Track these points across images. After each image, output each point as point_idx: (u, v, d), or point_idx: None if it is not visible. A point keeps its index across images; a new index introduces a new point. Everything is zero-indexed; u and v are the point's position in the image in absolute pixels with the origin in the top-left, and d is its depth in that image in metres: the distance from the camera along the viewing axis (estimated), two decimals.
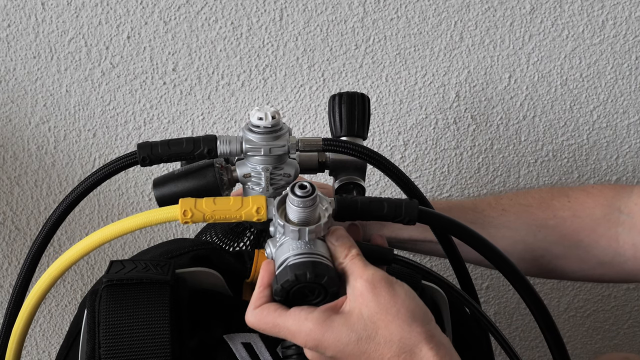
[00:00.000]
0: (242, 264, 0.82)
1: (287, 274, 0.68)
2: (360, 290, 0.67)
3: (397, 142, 1.23)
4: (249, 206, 0.73)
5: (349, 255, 0.70)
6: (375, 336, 0.66)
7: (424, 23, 1.16)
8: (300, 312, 0.68)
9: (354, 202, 0.74)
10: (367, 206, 0.74)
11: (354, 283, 0.68)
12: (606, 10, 1.16)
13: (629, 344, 1.46)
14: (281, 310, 0.68)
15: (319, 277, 0.67)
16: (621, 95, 1.23)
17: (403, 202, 0.74)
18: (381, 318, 0.66)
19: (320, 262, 0.69)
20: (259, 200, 0.73)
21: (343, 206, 0.73)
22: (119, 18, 1.12)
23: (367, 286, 0.67)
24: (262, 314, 0.69)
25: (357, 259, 0.70)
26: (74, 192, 0.81)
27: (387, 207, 0.74)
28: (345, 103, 0.91)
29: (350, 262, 0.70)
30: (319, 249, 0.70)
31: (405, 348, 0.65)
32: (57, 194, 1.23)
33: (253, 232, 0.87)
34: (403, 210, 0.74)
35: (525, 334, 1.43)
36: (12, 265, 1.29)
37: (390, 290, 0.67)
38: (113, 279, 0.73)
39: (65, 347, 0.81)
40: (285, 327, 0.68)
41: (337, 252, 0.71)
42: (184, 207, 0.73)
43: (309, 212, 0.70)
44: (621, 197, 0.94)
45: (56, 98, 1.17)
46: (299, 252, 0.69)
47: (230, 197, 0.75)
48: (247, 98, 1.18)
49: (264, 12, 1.13)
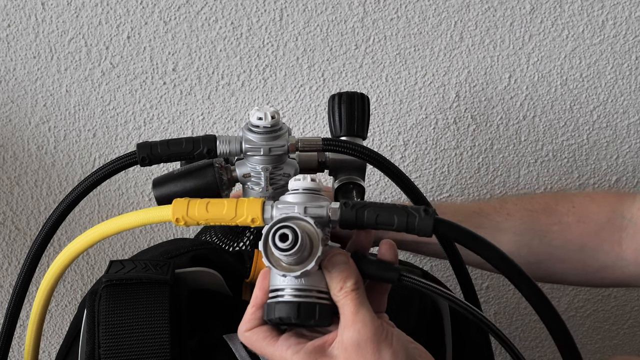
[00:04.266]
0: (242, 264, 0.82)
1: (272, 312, 0.66)
2: (345, 344, 0.65)
3: (397, 142, 1.23)
4: (242, 216, 0.70)
5: (344, 289, 0.66)
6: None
7: (424, 23, 1.16)
8: (288, 348, 0.66)
9: (360, 216, 0.68)
10: (374, 220, 0.68)
11: (342, 330, 0.66)
12: (606, 10, 1.16)
13: (629, 344, 1.46)
14: (270, 338, 0.67)
15: (306, 320, 0.66)
16: (621, 95, 1.23)
17: (417, 217, 0.67)
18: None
19: (309, 303, 0.66)
20: (254, 209, 0.70)
21: (346, 219, 0.68)
22: (119, 18, 1.12)
23: (352, 344, 0.65)
24: (251, 339, 0.68)
25: (350, 295, 0.66)
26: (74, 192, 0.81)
27: (397, 222, 0.67)
28: (345, 103, 0.91)
29: (343, 298, 0.66)
30: (311, 282, 0.66)
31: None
32: (57, 194, 1.23)
33: (253, 232, 0.87)
34: (416, 226, 0.67)
35: (525, 334, 1.43)
36: (12, 265, 1.29)
37: (376, 353, 0.65)
38: (113, 278, 0.73)
39: (65, 347, 0.81)
40: (273, 357, 0.67)
41: (332, 283, 0.67)
42: (177, 214, 0.71)
43: (296, 259, 0.64)
44: (624, 202, 0.95)
45: (56, 98, 1.17)
46: (290, 285, 0.66)
47: (224, 203, 0.71)
48: (247, 98, 1.18)
49: (264, 12, 1.13)
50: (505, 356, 0.80)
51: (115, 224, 0.74)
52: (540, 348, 1.45)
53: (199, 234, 0.94)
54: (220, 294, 0.79)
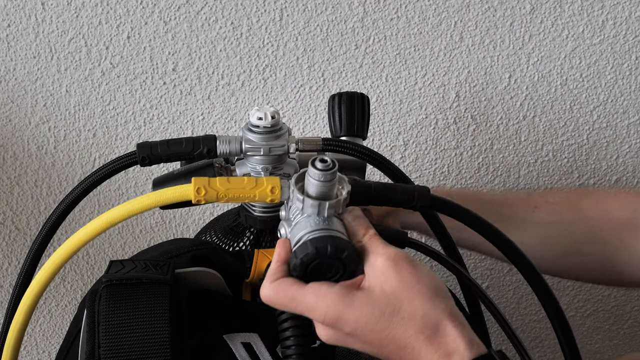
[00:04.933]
0: (242, 264, 0.82)
1: (307, 247, 0.67)
2: (381, 268, 0.66)
3: (397, 142, 1.23)
4: (263, 185, 0.72)
5: (367, 234, 0.69)
6: (399, 312, 0.64)
7: (424, 23, 1.16)
8: (321, 286, 0.66)
9: (367, 187, 0.74)
10: (381, 191, 0.74)
11: (374, 261, 0.67)
12: (606, 10, 1.16)
13: (629, 344, 1.46)
14: (299, 284, 0.67)
15: (340, 252, 0.66)
16: (621, 95, 1.23)
17: (415, 189, 0.74)
18: (404, 294, 0.65)
19: (341, 238, 0.68)
20: (273, 180, 0.72)
21: (356, 190, 0.73)
22: (119, 18, 1.12)
23: (388, 263, 0.66)
24: (279, 287, 0.67)
25: (375, 238, 0.69)
26: (74, 192, 0.81)
27: (400, 193, 0.74)
28: (345, 103, 0.91)
29: (369, 240, 0.69)
30: (336, 226, 0.69)
31: (429, 325, 0.64)
32: (57, 194, 1.23)
33: (253, 232, 0.87)
34: (415, 197, 0.74)
35: (526, 334, 1.43)
36: (12, 265, 1.29)
37: (413, 268, 0.66)
38: (113, 278, 0.73)
39: (65, 347, 0.81)
40: (304, 301, 0.66)
41: (355, 230, 0.70)
42: (198, 184, 0.71)
43: (328, 186, 0.69)
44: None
45: (56, 98, 1.17)
46: (317, 228, 0.68)
47: (244, 177, 0.73)
48: (247, 98, 1.18)
49: (264, 12, 1.13)
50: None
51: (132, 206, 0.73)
52: (540, 348, 1.45)
53: (199, 234, 0.94)
54: (220, 294, 0.79)
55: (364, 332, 0.65)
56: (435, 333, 0.64)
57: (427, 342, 0.64)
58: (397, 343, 0.64)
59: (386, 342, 0.65)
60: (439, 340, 0.64)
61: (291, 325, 0.73)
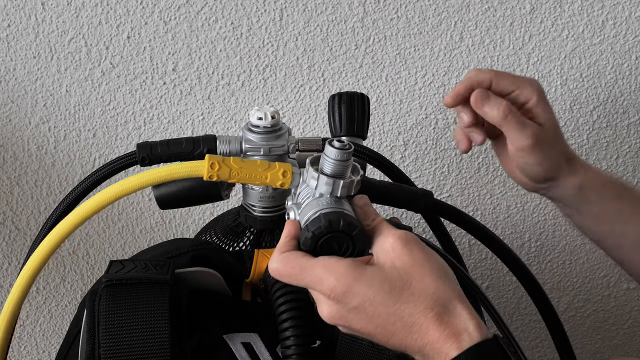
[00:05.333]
0: (242, 264, 0.82)
1: (319, 221, 0.67)
2: (392, 245, 0.66)
3: (397, 142, 1.23)
4: (275, 168, 0.72)
5: (376, 219, 0.70)
6: (410, 287, 0.64)
7: (424, 23, 1.16)
8: (330, 259, 0.66)
9: (372, 183, 0.75)
10: (386, 189, 0.76)
11: (384, 240, 0.67)
12: (606, 10, 1.16)
13: (629, 344, 1.46)
14: (309, 256, 0.67)
15: (351, 228, 0.67)
16: (621, 95, 1.23)
17: (420, 192, 0.76)
18: (416, 270, 0.65)
19: (352, 215, 0.68)
20: (286, 165, 0.73)
21: (362, 186, 0.73)
22: (119, 18, 1.12)
23: (399, 242, 0.66)
24: (289, 258, 0.67)
25: (384, 222, 0.69)
26: (74, 192, 0.81)
27: (405, 193, 0.76)
28: (345, 103, 0.91)
29: (379, 223, 0.69)
30: (347, 208, 0.70)
31: (438, 302, 0.64)
32: (57, 194, 1.23)
33: (253, 232, 0.87)
34: (421, 197, 0.76)
35: (525, 334, 1.43)
36: (12, 265, 1.29)
37: (423, 248, 0.66)
38: (113, 278, 0.73)
39: (65, 347, 0.81)
40: (313, 272, 0.66)
41: (364, 215, 0.70)
42: (212, 160, 0.72)
43: (344, 166, 0.69)
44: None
45: (56, 98, 1.17)
46: (329, 206, 0.69)
47: (257, 160, 0.74)
48: (247, 98, 1.19)
49: (264, 12, 1.13)
50: None
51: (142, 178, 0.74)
52: (540, 348, 1.45)
53: (199, 234, 0.94)
54: (220, 294, 0.79)
55: (372, 306, 0.64)
56: (445, 311, 0.63)
57: (436, 320, 0.63)
58: (404, 320, 0.64)
59: (393, 318, 0.64)
60: (448, 318, 0.63)
61: (291, 325, 0.73)
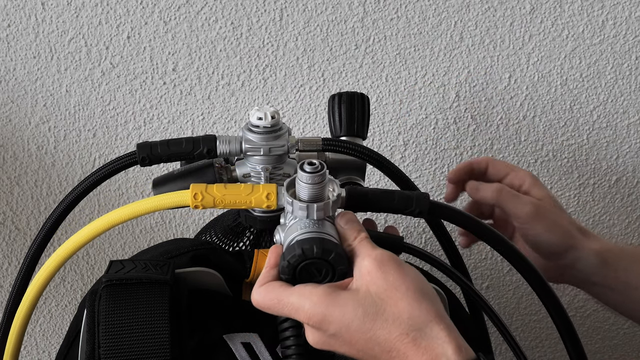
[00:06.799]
0: (242, 264, 0.82)
1: (294, 249, 0.67)
2: (367, 269, 0.66)
3: (397, 142, 1.23)
4: (259, 192, 0.73)
5: (358, 238, 0.69)
6: (383, 313, 0.63)
7: (424, 23, 1.16)
8: (305, 287, 0.66)
9: (363, 193, 0.74)
10: (377, 197, 0.74)
11: (361, 262, 0.66)
12: (606, 10, 1.16)
13: (629, 344, 1.46)
14: (286, 286, 0.67)
15: (326, 253, 0.66)
16: (621, 95, 1.23)
17: (414, 194, 0.74)
18: (389, 295, 0.64)
19: (328, 240, 0.68)
20: (269, 187, 0.73)
21: (353, 196, 0.73)
22: (119, 18, 1.12)
23: (374, 264, 0.65)
24: (266, 290, 0.67)
25: (365, 241, 0.69)
26: (73, 192, 0.81)
27: (397, 198, 0.74)
28: (345, 103, 0.91)
29: (358, 243, 0.68)
30: (327, 229, 0.69)
31: (414, 326, 0.63)
32: (57, 194, 1.23)
33: (253, 232, 0.87)
34: (414, 202, 0.74)
35: (525, 334, 1.43)
36: (12, 265, 1.29)
37: (399, 269, 0.65)
38: (113, 278, 0.73)
39: (65, 347, 0.81)
40: (289, 302, 0.66)
41: (346, 234, 0.70)
42: (195, 190, 0.73)
43: (317, 189, 0.69)
44: None
45: (56, 98, 1.17)
46: (307, 230, 0.69)
47: (240, 184, 0.74)
48: (247, 98, 1.18)
49: (264, 12, 1.13)
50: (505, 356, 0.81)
51: (131, 209, 0.75)
52: (540, 348, 1.45)
53: (199, 234, 0.94)
54: (220, 294, 0.79)
55: (348, 333, 0.64)
56: (422, 335, 0.63)
57: (412, 345, 0.63)
58: (381, 345, 0.64)
59: (371, 344, 0.64)
60: (425, 343, 0.63)
61: (291, 325, 0.73)
